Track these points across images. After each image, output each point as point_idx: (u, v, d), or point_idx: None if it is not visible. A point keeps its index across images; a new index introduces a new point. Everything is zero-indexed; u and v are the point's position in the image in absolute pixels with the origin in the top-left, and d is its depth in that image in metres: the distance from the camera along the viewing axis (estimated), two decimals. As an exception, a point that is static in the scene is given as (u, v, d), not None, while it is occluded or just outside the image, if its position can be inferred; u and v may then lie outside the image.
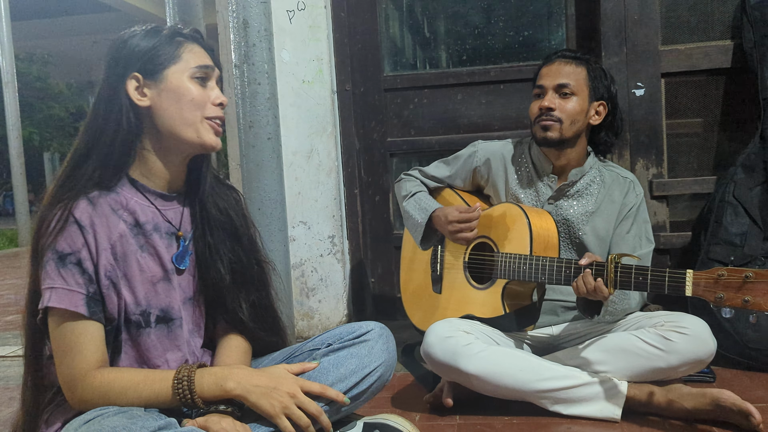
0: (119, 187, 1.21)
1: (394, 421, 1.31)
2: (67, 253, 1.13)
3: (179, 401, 1.15)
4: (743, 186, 2.09)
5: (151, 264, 1.22)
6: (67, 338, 1.13)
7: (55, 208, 1.15)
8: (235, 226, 1.35)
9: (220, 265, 1.30)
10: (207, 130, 1.23)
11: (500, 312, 1.71)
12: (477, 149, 1.93)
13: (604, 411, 1.59)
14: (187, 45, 1.23)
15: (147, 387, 1.14)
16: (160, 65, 1.20)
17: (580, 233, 1.78)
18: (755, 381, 1.85)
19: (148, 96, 1.20)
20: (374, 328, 1.33)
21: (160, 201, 1.26)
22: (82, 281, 1.14)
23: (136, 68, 1.19)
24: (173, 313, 1.25)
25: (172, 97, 1.20)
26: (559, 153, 1.79)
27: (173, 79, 1.20)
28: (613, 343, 1.63)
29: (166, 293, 1.24)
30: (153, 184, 1.25)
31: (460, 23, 2.64)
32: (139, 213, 1.22)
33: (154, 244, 1.23)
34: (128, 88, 1.19)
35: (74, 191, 1.16)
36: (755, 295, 1.30)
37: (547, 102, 1.74)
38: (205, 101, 1.23)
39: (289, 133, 2.48)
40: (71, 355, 1.13)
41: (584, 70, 1.77)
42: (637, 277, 1.46)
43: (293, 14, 2.48)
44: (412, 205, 1.91)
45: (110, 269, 1.17)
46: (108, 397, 1.13)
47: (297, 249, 2.53)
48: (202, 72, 1.23)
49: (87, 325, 1.14)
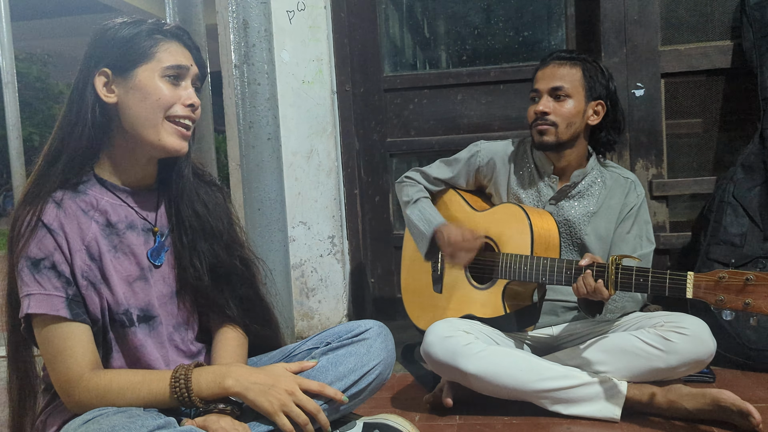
0: (88, 188, 1.19)
1: (394, 421, 1.31)
2: (39, 259, 1.11)
3: (177, 401, 1.14)
4: (743, 186, 2.09)
5: (126, 264, 1.20)
6: (54, 343, 1.12)
7: (24, 212, 1.12)
8: (212, 226, 1.30)
9: (198, 264, 1.27)
10: (169, 132, 1.18)
11: (500, 312, 1.71)
12: (480, 149, 1.92)
13: (604, 411, 1.59)
14: (163, 43, 1.18)
15: (145, 387, 1.13)
16: (131, 62, 1.16)
17: (582, 234, 1.78)
18: (755, 381, 1.85)
19: (115, 93, 1.17)
20: (373, 327, 1.32)
21: (132, 198, 1.23)
22: (59, 284, 1.11)
23: (107, 63, 1.16)
24: (153, 311, 1.23)
25: (138, 96, 1.16)
26: (559, 155, 1.79)
27: (143, 77, 1.16)
28: (613, 343, 1.63)
29: (144, 292, 1.22)
30: (122, 181, 1.22)
31: (460, 23, 2.64)
32: (111, 212, 1.19)
33: (129, 242, 1.21)
34: (96, 84, 1.16)
35: (42, 193, 1.14)
36: (756, 297, 1.30)
37: (541, 106, 1.74)
38: (174, 101, 1.18)
39: (289, 133, 2.49)
40: (62, 359, 1.11)
41: (579, 70, 1.76)
42: (637, 279, 1.46)
43: (293, 14, 2.48)
44: (416, 215, 1.89)
45: (87, 270, 1.15)
46: (106, 399, 1.12)
47: (297, 249, 2.53)
48: (174, 71, 1.18)
49: (72, 327, 1.12)
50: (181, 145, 1.20)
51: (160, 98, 1.16)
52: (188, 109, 1.20)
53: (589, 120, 1.78)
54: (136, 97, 1.16)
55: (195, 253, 1.27)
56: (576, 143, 1.78)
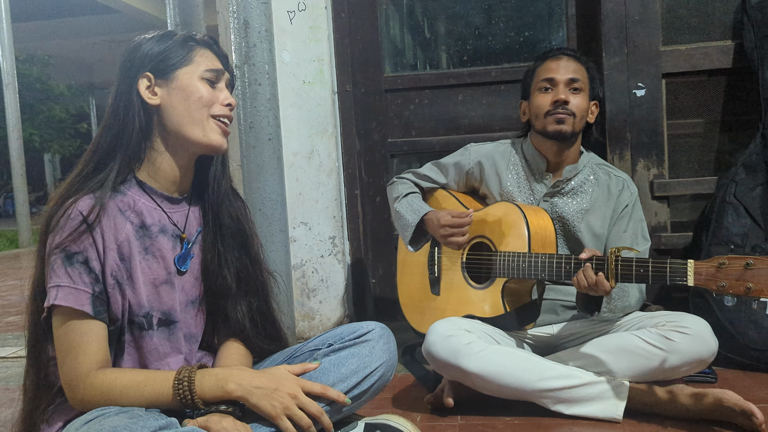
0: (127, 189, 1.22)
1: (396, 421, 1.31)
2: (74, 252, 1.13)
3: (180, 402, 1.15)
4: (744, 186, 2.09)
5: (154, 266, 1.23)
6: (71, 337, 1.14)
7: (64, 207, 1.15)
8: (246, 236, 1.36)
9: (227, 273, 1.32)
10: (213, 129, 1.25)
11: (501, 311, 1.71)
12: (468, 152, 1.94)
13: (606, 411, 1.59)
14: (198, 49, 1.26)
15: (148, 387, 1.14)
16: (171, 66, 1.22)
17: (576, 231, 1.79)
18: (756, 381, 1.85)
19: (158, 95, 1.22)
20: (375, 328, 1.33)
21: (167, 203, 1.27)
22: (88, 280, 1.14)
23: (148, 68, 1.21)
24: (175, 316, 1.26)
25: (182, 96, 1.22)
26: (561, 149, 1.80)
27: (184, 79, 1.23)
28: (615, 343, 1.63)
29: (168, 296, 1.25)
30: (159, 185, 1.26)
31: (461, 24, 2.64)
32: (146, 215, 1.23)
33: (160, 246, 1.24)
34: (140, 87, 1.21)
35: (83, 191, 1.17)
36: (757, 282, 1.30)
37: (563, 95, 1.75)
38: (214, 101, 1.25)
39: (290, 133, 2.48)
40: (74, 354, 1.13)
41: (585, 69, 1.81)
42: (638, 270, 1.46)
43: (294, 15, 2.48)
44: (404, 206, 1.90)
45: (116, 269, 1.18)
46: (109, 397, 1.13)
47: (298, 250, 2.52)
48: (212, 75, 1.25)
49: (91, 324, 1.14)
50: (223, 142, 1.27)
51: (202, 96, 1.23)
52: (227, 109, 1.26)
53: (588, 118, 1.82)
54: (179, 96, 1.22)
55: (226, 262, 1.32)
56: (577, 138, 1.82)
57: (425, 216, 1.83)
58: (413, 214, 1.86)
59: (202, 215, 1.33)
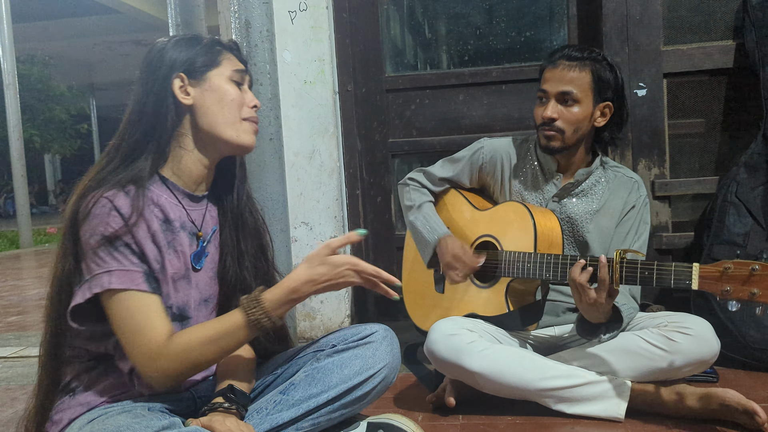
0: (151, 184, 1.23)
1: (398, 420, 1.31)
2: (115, 237, 1.13)
3: (257, 328, 1.16)
4: (746, 186, 2.09)
5: (175, 261, 1.23)
6: (136, 317, 1.13)
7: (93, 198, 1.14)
8: (261, 235, 1.39)
9: (247, 273, 1.33)
10: (245, 130, 1.28)
11: (504, 310, 1.71)
12: (483, 146, 1.91)
13: (608, 410, 1.59)
14: (225, 53, 1.28)
15: (223, 334, 1.16)
16: (203, 67, 1.25)
17: (584, 232, 1.78)
18: (758, 381, 1.85)
19: (191, 95, 1.24)
20: (379, 330, 1.33)
21: (188, 200, 1.28)
22: (136, 260, 1.15)
23: (181, 69, 1.24)
24: (188, 312, 1.26)
25: (215, 97, 1.25)
26: (563, 157, 1.79)
27: (215, 80, 1.25)
28: (617, 343, 1.63)
29: (184, 291, 1.25)
30: (183, 183, 1.27)
31: (462, 24, 2.64)
32: (169, 211, 1.24)
33: (181, 241, 1.25)
34: (173, 87, 1.23)
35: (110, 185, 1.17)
36: (762, 287, 1.29)
37: (549, 112, 1.71)
38: (243, 103, 1.28)
39: (291, 133, 2.48)
40: (144, 333, 1.13)
41: (588, 74, 1.72)
42: (642, 272, 1.45)
43: (295, 15, 2.48)
44: (420, 221, 1.89)
45: (156, 254, 1.19)
46: (189, 359, 1.14)
47: (299, 250, 2.52)
48: (238, 76, 1.28)
49: (150, 299, 1.15)
50: (254, 142, 1.30)
51: (233, 98, 1.26)
52: (253, 110, 1.29)
53: (596, 122, 1.76)
54: (213, 97, 1.25)
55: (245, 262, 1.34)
56: (581, 144, 1.78)
57: (440, 237, 1.82)
58: (430, 233, 1.84)
59: (220, 214, 1.35)
